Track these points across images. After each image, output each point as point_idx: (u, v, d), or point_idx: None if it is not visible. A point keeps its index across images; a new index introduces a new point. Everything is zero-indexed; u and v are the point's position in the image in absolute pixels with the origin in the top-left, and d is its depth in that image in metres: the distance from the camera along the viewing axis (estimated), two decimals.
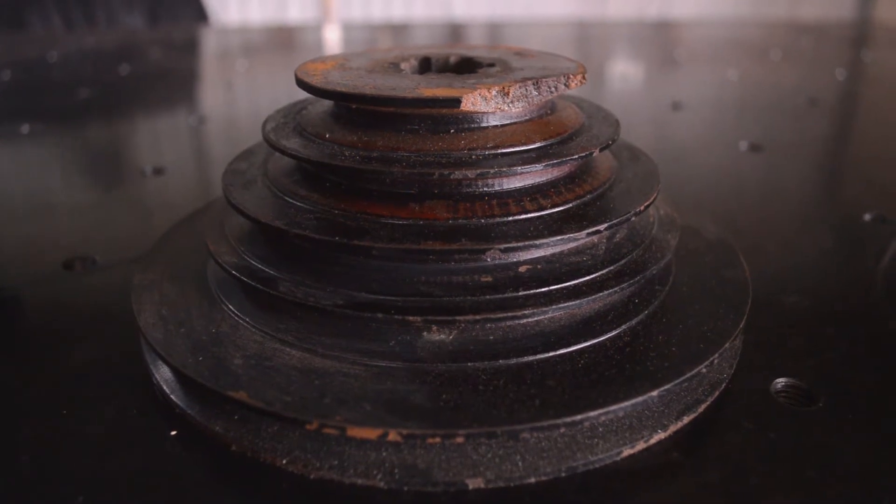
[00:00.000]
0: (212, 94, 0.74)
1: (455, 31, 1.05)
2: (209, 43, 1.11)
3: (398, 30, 1.21)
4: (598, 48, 1.04)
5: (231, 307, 0.24)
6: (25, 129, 0.56)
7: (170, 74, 0.82)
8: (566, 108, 0.27)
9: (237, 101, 0.69)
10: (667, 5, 2.43)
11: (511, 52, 0.29)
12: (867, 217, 0.38)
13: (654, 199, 0.25)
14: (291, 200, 0.24)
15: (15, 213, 0.38)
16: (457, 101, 0.22)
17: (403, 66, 0.28)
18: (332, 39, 1.10)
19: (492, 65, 0.27)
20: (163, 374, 0.23)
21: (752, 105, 0.65)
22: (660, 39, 1.08)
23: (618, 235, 0.24)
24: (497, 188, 0.23)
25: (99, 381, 0.23)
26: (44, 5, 1.47)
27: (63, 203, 0.40)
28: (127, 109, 0.65)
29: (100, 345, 0.25)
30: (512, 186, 0.23)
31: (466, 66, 0.28)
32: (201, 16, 1.60)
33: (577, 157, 0.23)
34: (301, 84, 0.25)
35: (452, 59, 0.29)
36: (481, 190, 0.23)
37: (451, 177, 0.22)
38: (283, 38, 1.14)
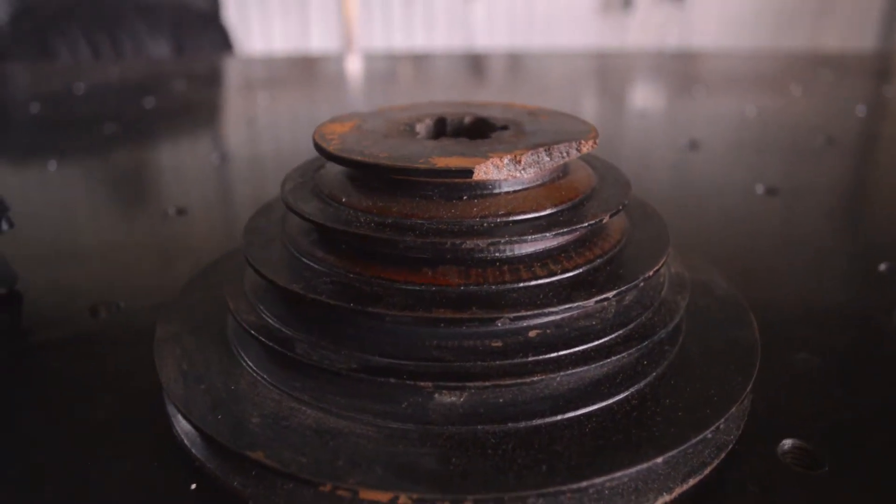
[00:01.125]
0: (234, 130, 0.76)
1: (475, 62, 1.07)
2: (232, 74, 1.14)
3: (419, 60, 1.23)
4: (617, 80, 1.05)
5: (249, 363, 0.25)
6: (53, 165, 0.58)
7: (193, 108, 0.84)
8: (578, 169, 0.28)
9: (259, 138, 0.71)
10: (686, 34, 2.44)
11: (525, 113, 0.30)
12: (882, 267, 0.38)
13: (664, 263, 0.26)
14: (308, 262, 0.25)
15: (44, 256, 0.40)
16: (469, 172, 0.23)
17: (419, 127, 0.29)
18: (354, 70, 1.12)
19: (505, 127, 0.28)
20: (183, 427, 0.24)
21: (769, 144, 0.65)
22: (679, 71, 1.09)
23: (627, 298, 0.25)
24: (508, 254, 0.24)
25: (122, 430, 0.24)
26: (70, 33, 1.51)
27: (89, 245, 0.42)
28: (151, 145, 0.67)
29: (124, 394, 0.26)
30: (523, 252, 0.24)
31: (480, 129, 0.29)
32: (226, 44, 1.64)
33: (586, 224, 0.24)
34: (319, 150, 0.26)
35: (467, 120, 0.30)
36: (493, 255, 0.24)
37: (463, 246, 0.22)
38: (305, 69, 1.17)
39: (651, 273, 0.25)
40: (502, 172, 0.24)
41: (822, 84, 0.96)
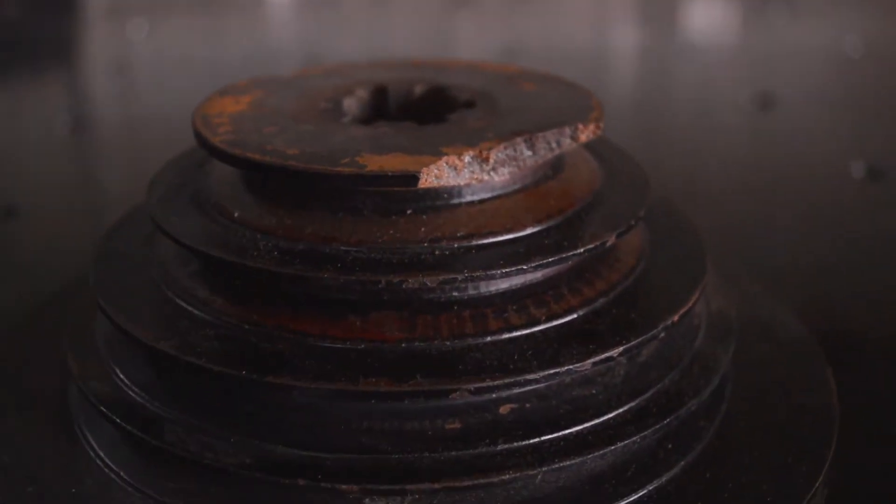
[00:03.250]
0: (94, 82, 0.75)
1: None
2: None
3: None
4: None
5: (100, 453, 0.26)
6: None
7: (29, 45, 0.83)
8: (575, 164, 0.29)
9: (132, 94, 0.71)
10: None
11: (501, 78, 0.31)
12: None
13: (697, 300, 0.26)
14: (185, 306, 0.25)
15: None
16: (413, 178, 0.23)
17: (347, 104, 0.29)
18: None
19: (470, 103, 0.29)
20: None
21: (877, 102, 0.66)
22: None
23: (643, 355, 0.26)
24: (471, 293, 0.25)
25: None
26: None
27: None
28: None
29: None
30: (491, 291, 0.25)
31: (435, 105, 0.29)
32: None
33: (582, 250, 0.25)
34: (201, 141, 0.26)
35: (417, 91, 0.30)
36: (448, 297, 0.24)
37: (405, 285, 0.23)
38: None
39: (677, 318, 0.25)
40: (462, 175, 0.25)
41: None
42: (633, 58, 0.86)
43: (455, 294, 0.25)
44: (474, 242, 0.25)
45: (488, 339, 0.24)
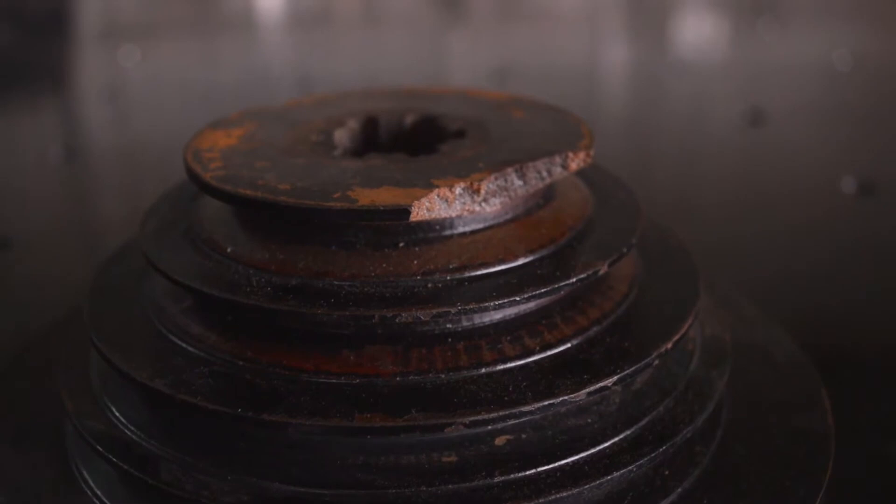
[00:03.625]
0: (87, 108, 0.76)
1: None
2: (85, 15, 1.13)
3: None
4: (652, 9, 1.06)
5: (97, 491, 0.26)
6: None
7: (22, 70, 0.83)
8: (566, 192, 0.29)
9: (126, 120, 0.71)
10: None
11: (491, 106, 0.31)
12: None
13: (691, 325, 0.27)
14: (178, 342, 0.25)
15: None
16: (404, 212, 0.24)
17: (338, 136, 0.29)
18: (271, 8, 1.12)
19: (461, 133, 0.29)
20: None
21: (868, 115, 0.66)
22: None
23: (637, 383, 0.26)
24: (465, 324, 0.25)
25: None
26: None
27: None
28: None
29: None
30: (485, 322, 0.25)
31: (426, 135, 0.29)
32: None
33: (574, 280, 0.25)
34: (192, 178, 0.26)
35: (408, 122, 0.30)
36: (442, 329, 0.25)
37: (399, 319, 0.23)
38: (198, 6, 1.17)
39: (671, 345, 0.26)
40: (454, 207, 0.25)
41: None
42: (625, 74, 0.86)
43: (449, 326, 0.25)
44: (467, 274, 0.25)
45: (483, 370, 0.24)
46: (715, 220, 0.49)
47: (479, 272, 0.25)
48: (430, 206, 0.24)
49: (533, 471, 0.23)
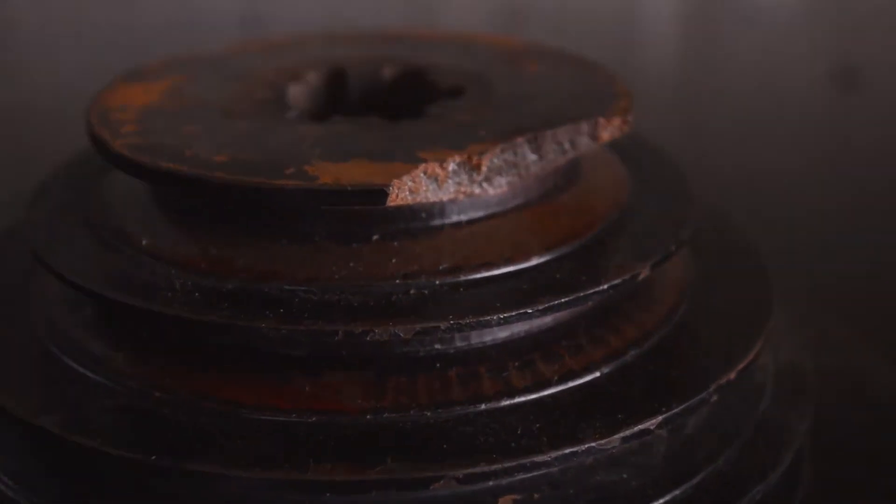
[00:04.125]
0: None
1: None
2: None
3: None
4: None
5: None
6: None
7: None
8: (595, 170, 0.29)
9: (17, 70, 0.71)
10: None
11: (500, 55, 0.31)
12: None
13: (761, 350, 0.26)
14: (74, 365, 0.25)
15: None
16: (379, 194, 0.23)
17: (294, 91, 0.29)
18: None
19: (459, 90, 0.29)
20: None
21: None
22: None
23: (689, 427, 0.25)
24: (460, 345, 0.24)
25: None
26: None
27: None
28: None
29: None
30: (486, 341, 0.25)
31: (411, 93, 0.29)
32: None
33: (605, 287, 0.24)
34: (98, 145, 0.26)
35: (388, 74, 0.30)
36: (429, 350, 0.24)
37: (370, 337, 0.23)
38: None
39: (734, 375, 0.25)
40: (446, 189, 0.24)
41: None
42: (675, 20, 0.86)
43: (437, 347, 0.24)
44: (462, 278, 0.24)
45: (482, 407, 0.24)
46: (793, 211, 0.49)
47: (478, 275, 0.25)
48: (415, 187, 0.24)
49: None
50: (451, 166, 0.24)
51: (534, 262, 0.25)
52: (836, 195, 0.50)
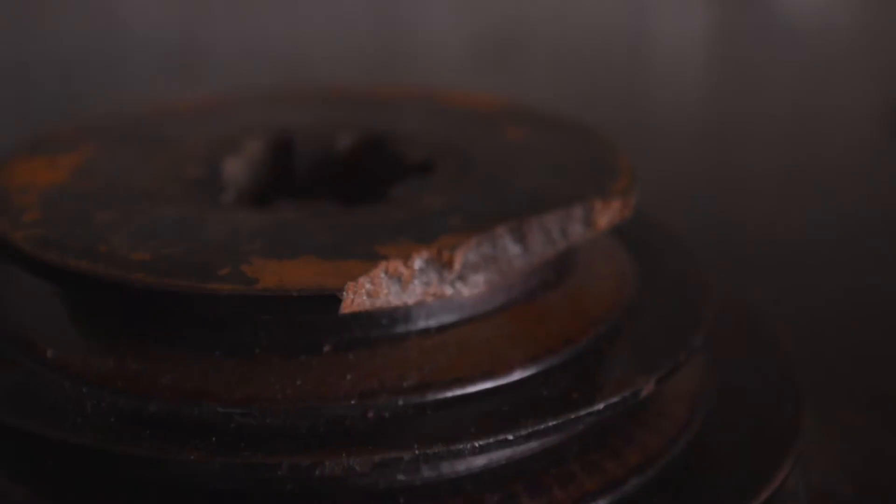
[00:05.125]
0: None
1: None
2: None
3: None
4: None
5: None
6: None
7: None
8: (592, 261, 0.29)
9: None
10: None
11: (477, 119, 0.31)
12: None
13: (786, 478, 0.27)
14: None
15: None
16: (331, 301, 0.23)
17: (230, 167, 0.29)
18: None
19: (428, 165, 0.29)
20: None
21: None
22: None
23: None
24: (428, 476, 0.25)
25: None
26: None
27: None
28: None
29: None
30: (461, 471, 0.25)
31: (371, 167, 0.29)
32: None
33: (602, 407, 0.25)
34: None
35: (343, 144, 0.30)
36: (392, 483, 0.24)
37: (320, 471, 0.23)
38: None
39: None
40: (411, 291, 0.25)
41: None
42: (695, 49, 0.86)
43: (401, 479, 0.25)
44: (430, 397, 0.25)
45: None
46: (836, 283, 0.49)
47: (449, 393, 0.25)
48: (374, 290, 0.24)
49: None
50: (418, 264, 0.25)
51: (516, 376, 0.26)
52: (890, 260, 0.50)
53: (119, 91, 0.63)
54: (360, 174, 0.29)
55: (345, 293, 0.23)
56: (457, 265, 0.25)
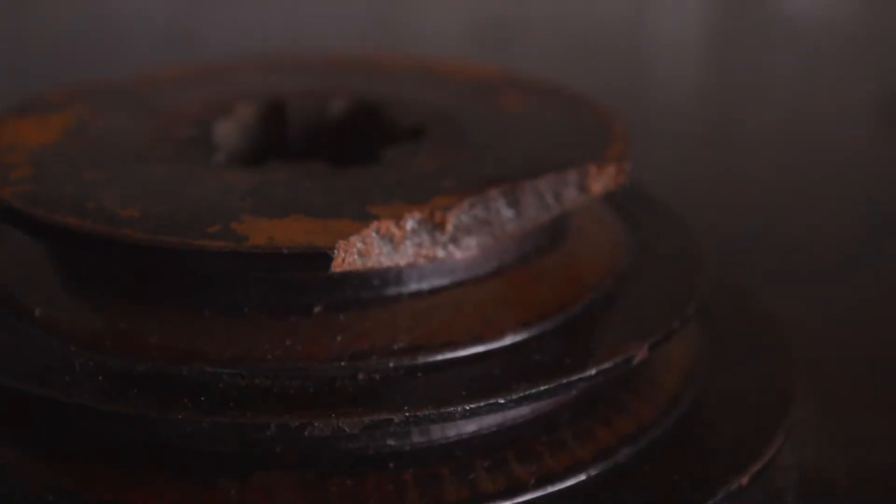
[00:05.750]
0: None
1: None
2: None
3: None
4: None
5: None
6: None
7: None
8: (585, 228, 0.29)
9: None
10: None
11: (471, 87, 0.31)
12: None
13: (777, 453, 0.26)
14: None
15: None
16: (322, 258, 0.23)
17: (222, 129, 0.29)
18: None
19: (420, 130, 0.29)
20: None
21: None
22: None
23: None
24: (418, 441, 0.25)
25: None
26: None
27: None
28: None
29: None
30: (450, 436, 0.25)
31: (364, 132, 0.29)
32: None
33: (594, 372, 0.25)
34: None
35: (335, 109, 0.30)
36: (381, 447, 0.24)
37: (309, 432, 0.23)
38: None
39: (746, 480, 0.25)
40: (403, 252, 0.24)
41: None
42: (694, 41, 0.86)
43: (391, 444, 0.25)
44: (421, 360, 0.25)
45: None
46: (834, 274, 0.49)
47: (440, 356, 0.25)
48: (365, 250, 0.24)
49: None
50: (410, 224, 0.25)
51: (508, 340, 0.25)
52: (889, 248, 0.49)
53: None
54: (353, 139, 0.29)
55: (336, 252, 0.23)
56: (449, 227, 0.25)
